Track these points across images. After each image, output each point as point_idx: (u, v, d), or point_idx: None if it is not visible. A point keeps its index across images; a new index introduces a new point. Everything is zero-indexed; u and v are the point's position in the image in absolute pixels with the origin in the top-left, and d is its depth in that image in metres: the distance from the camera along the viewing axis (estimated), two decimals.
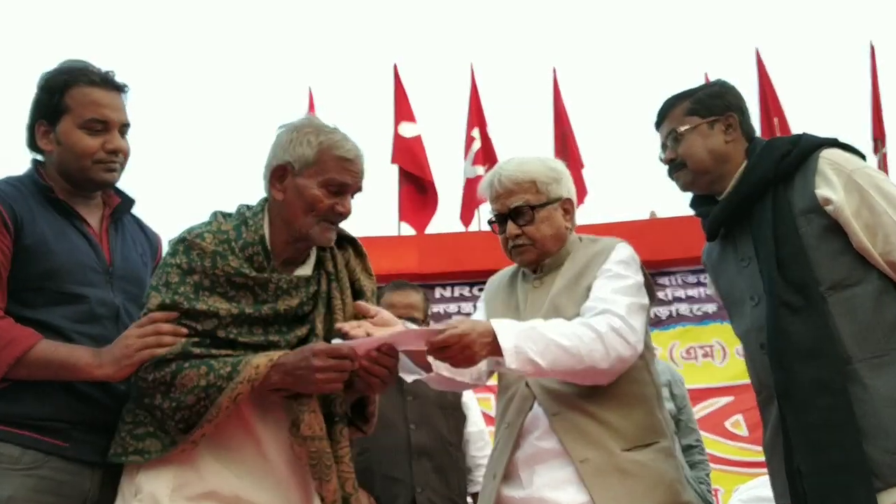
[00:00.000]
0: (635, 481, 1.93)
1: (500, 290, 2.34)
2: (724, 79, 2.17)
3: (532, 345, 1.87)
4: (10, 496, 1.71)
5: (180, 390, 1.72)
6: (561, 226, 2.22)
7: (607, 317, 1.96)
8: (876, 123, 8.99)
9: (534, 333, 1.89)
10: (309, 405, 1.78)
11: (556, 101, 9.69)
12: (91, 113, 1.91)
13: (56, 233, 1.88)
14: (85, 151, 1.91)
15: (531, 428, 2.06)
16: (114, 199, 2.05)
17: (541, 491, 1.98)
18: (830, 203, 1.87)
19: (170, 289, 1.79)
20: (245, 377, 1.72)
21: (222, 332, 1.79)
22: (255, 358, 1.76)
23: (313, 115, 1.99)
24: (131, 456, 1.77)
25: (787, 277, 1.88)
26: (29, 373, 1.74)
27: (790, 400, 1.84)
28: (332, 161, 1.87)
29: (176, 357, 1.74)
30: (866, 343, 1.81)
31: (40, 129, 1.94)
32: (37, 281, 1.82)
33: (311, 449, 1.77)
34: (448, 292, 7.28)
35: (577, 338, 1.91)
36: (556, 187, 2.22)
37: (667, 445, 2.06)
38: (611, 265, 2.10)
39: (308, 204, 1.86)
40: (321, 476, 1.77)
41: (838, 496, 1.73)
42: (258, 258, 1.87)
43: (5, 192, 1.84)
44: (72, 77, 1.92)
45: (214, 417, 1.72)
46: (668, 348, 7.31)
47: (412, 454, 3.05)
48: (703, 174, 2.08)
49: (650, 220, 8.36)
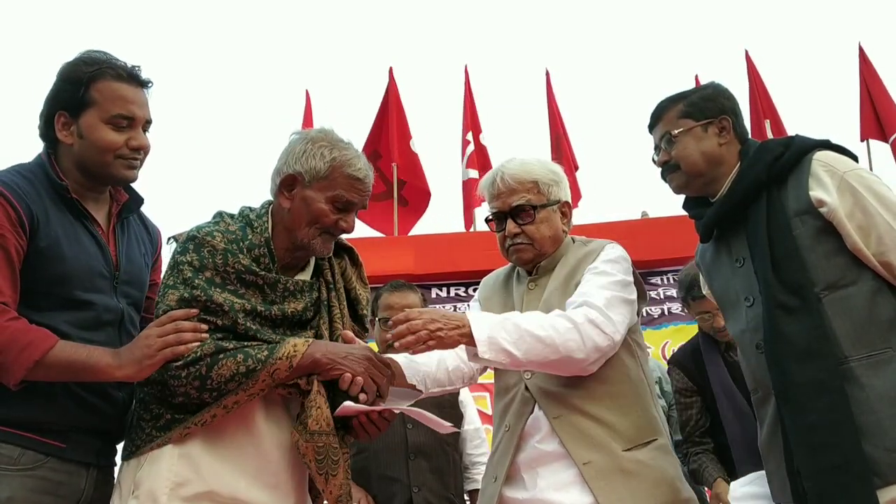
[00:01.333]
0: (638, 481, 1.95)
1: (495, 290, 2.35)
2: (717, 81, 2.19)
3: (506, 335, 1.88)
4: (9, 497, 1.70)
5: (217, 381, 1.73)
6: (559, 228, 2.24)
7: (584, 308, 1.97)
8: (864, 122, 9.05)
9: (507, 324, 1.90)
10: (316, 401, 1.78)
11: (550, 103, 9.72)
12: (118, 108, 1.88)
13: (69, 236, 1.86)
14: (109, 147, 1.88)
15: (532, 431, 2.08)
16: (122, 195, 2.03)
17: (544, 493, 1.99)
18: (824, 205, 1.89)
19: (186, 284, 1.80)
20: (283, 353, 1.75)
21: (241, 325, 1.80)
22: (292, 339, 1.80)
23: (327, 127, 1.98)
24: (157, 440, 1.77)
25: (781, 278, 1.90)
26: (48, 375, 1.72)
27: (788, 401, 1.85)
28: (342, 178, 1.89)
29: (210, 353, 1.74)
30: (862, 342, 1.83)
31: (60, 119, 1.89)
32: (46, 285, 1.80)
33: (318, 444, 1.77)
34: (444, 293, 7.30)
35: (552, 328, 1.91)
36: (556, 189, 2.24)
37: (664, 442, 2.08)
38: (598, 263, 2.12)
39: (313, 216, 1.89)
40: (327, 471, 1.78)
41: (839, 496, 1.74)
42: (264, 260, 1.88)
43: (22, 189, 1.80)
44: (99, 70, 1.88)
45: (250, 388, 1.74)
46: (660, 347, 7.34)
47: (409, 454, 3.07)
48: (696, 177, 2.09)
49: (642, 221, 8.39)
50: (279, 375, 1.75)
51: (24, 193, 1.79)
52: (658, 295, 7.70)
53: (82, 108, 1.87)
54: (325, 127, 1.98)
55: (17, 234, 1.76)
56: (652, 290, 7.75)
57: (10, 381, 1.70)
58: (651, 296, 7.72)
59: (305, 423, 1.77)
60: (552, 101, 9.73)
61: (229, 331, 1.79)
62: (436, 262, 7.35)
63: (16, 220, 1.76)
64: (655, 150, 2.18)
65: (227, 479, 1.79)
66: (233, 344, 1.77)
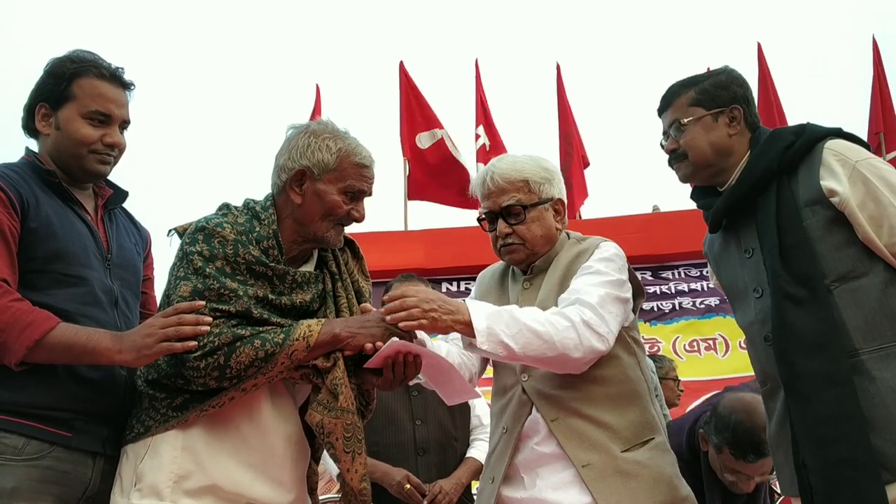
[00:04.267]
0: (637, 482, 1.94)
1: (491, 289, 2.33)
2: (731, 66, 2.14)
3: (504, 327, 1.87)
4: (14, 487, 1.71)
5: (237, 368, 1.73)
6: (551, 226, 2.21)
7: (577, 307, 1.96)
8: (874, 117, 8.97)
9: (506, 316, 1.89)
10: (344, 379, 1.79)
11: (561, 97, 9.69)
12: (96, 105, 1.95)
13: (59, 217, 1.90)
14: (83, 140, 1.95)
15: (530, 433, 2.07)
16: (105, 191, 2.08)
17: (543, 492, 1.99)
18: (836, 195, 1.86)
19: (198, 273, 1.80)
20: (299, 334, 1.76)
21: (256, 311, 1.80)
22: (305, 320, 1.81)
23: (324, 119, 2.00)
24: (172, 420, 1.77)
25: (790, 269, 1.87)
26: (48, 356, 1.74)
27: (795, 393, 1.83)
28: (351, 167, 1.91)
29: (226, 343, 1.73)
30: (873, 335, 1.80)
31: (41, 111, 1.97)
32: (42, 263, 1.84)
33: (346, 422, 1.78)
34: (454, 286, 7.30)
35: (550, 324, 1.90)
36: (547, 187, 2.20)
37: (661, 440, 2.07)
38: (592, 262, 2.10)
39: (328, 209, 1.90)
40: (354, 449, 1.79)
41: (846, 491, 1.71)
42: (273, 252, 1.88)
43: (9, 177, 1.86)
44: (82, 67, 1.96)
45: (269, 371, 1.75)
46: (671, 342, 7.32)
47: (417, 450, 3.09)
48: (704, 167, 2.07)
49: (653, 215, 8.37)
50: (297, 356, 1.76)
51: (11, 179, 1.86)
52: (669, 290, 7.67)
53: (62, 102, 1.95)
54: (322, 119, 1.99)
55: (10, 217, 1.80)
56: (663, 284, 7.72)
57: (11, 361, 1.73)
58: (662, 290, 7.70)
59: (334, 399, 1.77)
60: (563, 95, 9.70)
61: (244, 317, 1.79)
62: (446, 257, 7.35)
63: (7, 203, 1.81)
64: (664, 135, 2.15)
65: (230, 472, 1.79)
66: (248, 330, 1.76)
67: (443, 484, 3.04)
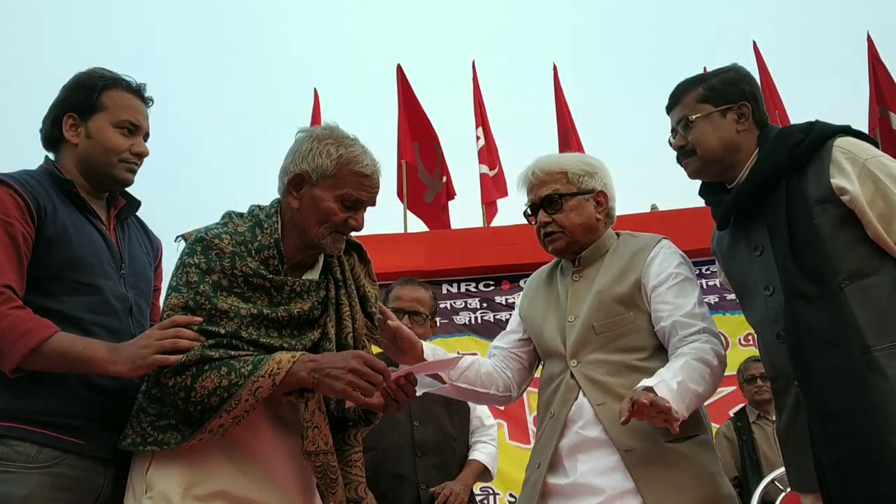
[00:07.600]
0: (679, 472, 1.95)
1: (539, 286, 2.38)
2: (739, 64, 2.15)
3: (682, 403, 1.90)
4: (27, 495, 1.71)
5: (201, 393, 1.70)
6: (591, 216, 2.26)
7: (708, 341, 2.05)
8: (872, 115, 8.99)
9: (685, 392, 1.92)
10: (313, 420, 1.78)
11: (558, 97, 9.69)
12: (127, 115, 2.03)
13: (75, 226, 1.92)
14: (115, 148, 2.01)
15: (576, 417, 2.09)
16: (119, 200, 2.10)
17: (586, 477, 2.00)
18: (846, 193, 1.86)
19: (191, 288, 1.79)
20: (266, 371, 1.71)
21: (245, 332, 1.78)
22: (278, 354, 1.75)
23: (332, 123, 1.97)
24: (150, 446, 1.76)
25: (802, 267, 1.87)
26: (44, 364, 1.75)
27: (809, 390, 1.83)
28: (349, 176, 1.88)
29: (194, 362, 1.72)
30: (884, 332, 1.80)
31: (69, 121, 2.01)
32: (57, 270, 1.85)
33: (315, 464, 1.79)
34: (454, 288, 7.28)
35: (703, 381, 1.99)
36: (588, 179, 2.27)
37: (707, 438, 2.08)
38: (672, 268, 2.15)
39: (322, 215, 1.88)
40: (327, 488, 1.82)
41: (862, 485, 1.71)
42: (273, 261, 1.87)
43: (28, 184, 1.88)
44: (112, 81, 2.05)
45: (233, 409, 1.71)
46: None
47: (416, 451, 3.08)
48: (713, 163, 2.07)
49: (651, 213, 8.35)
50: (262, 394, 1.70)
51: (30, 186, 1.88)
52: None
53: (93, 112, 2.01)
54: (330, 123, 1.96)
55: (25, 224, 1.83)
56: None
57: (6, 367, 1.74)
58: None
59: (302, 440, 1.78)
60: (560, 95, 9.70)
61: (233, 337, 1.77)
62: (446, 258, 7.34)
63: (24, 210, 1.83)
64: (672, 132, 2.15)
65: (239, 479, 1.79)
66: (219, 353, 1.73)
67: (452, 486, 3.03)
